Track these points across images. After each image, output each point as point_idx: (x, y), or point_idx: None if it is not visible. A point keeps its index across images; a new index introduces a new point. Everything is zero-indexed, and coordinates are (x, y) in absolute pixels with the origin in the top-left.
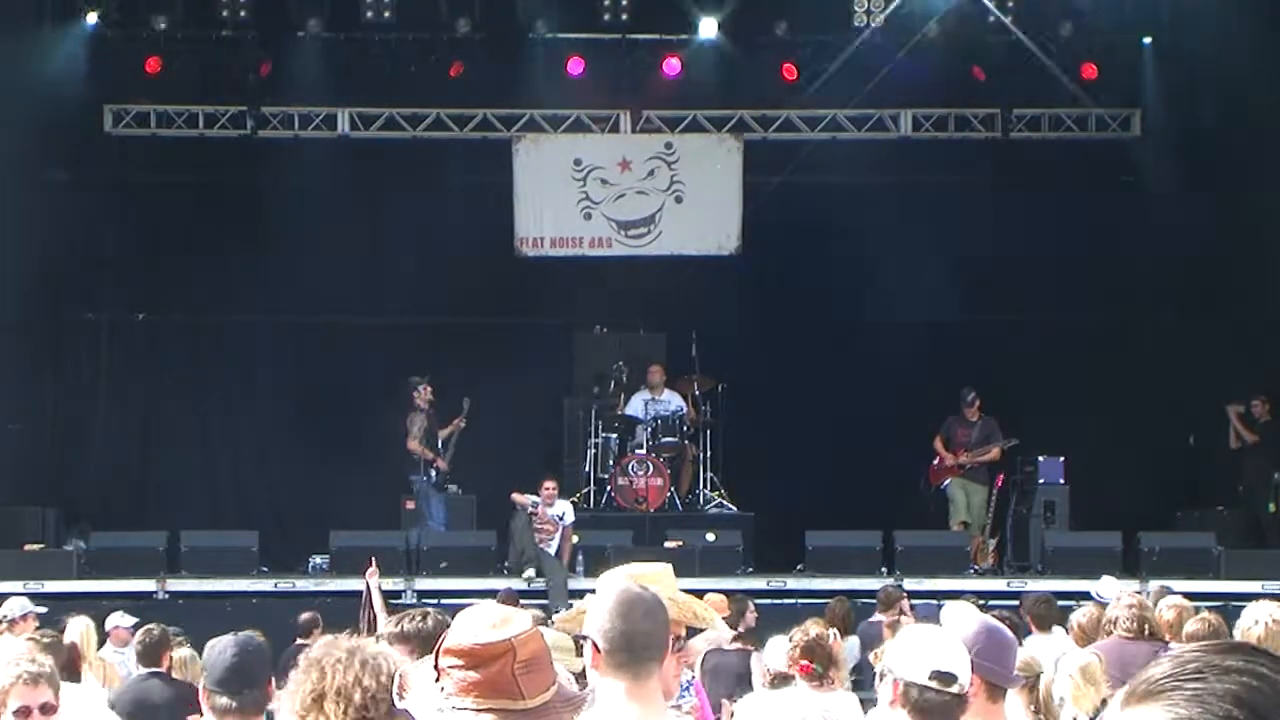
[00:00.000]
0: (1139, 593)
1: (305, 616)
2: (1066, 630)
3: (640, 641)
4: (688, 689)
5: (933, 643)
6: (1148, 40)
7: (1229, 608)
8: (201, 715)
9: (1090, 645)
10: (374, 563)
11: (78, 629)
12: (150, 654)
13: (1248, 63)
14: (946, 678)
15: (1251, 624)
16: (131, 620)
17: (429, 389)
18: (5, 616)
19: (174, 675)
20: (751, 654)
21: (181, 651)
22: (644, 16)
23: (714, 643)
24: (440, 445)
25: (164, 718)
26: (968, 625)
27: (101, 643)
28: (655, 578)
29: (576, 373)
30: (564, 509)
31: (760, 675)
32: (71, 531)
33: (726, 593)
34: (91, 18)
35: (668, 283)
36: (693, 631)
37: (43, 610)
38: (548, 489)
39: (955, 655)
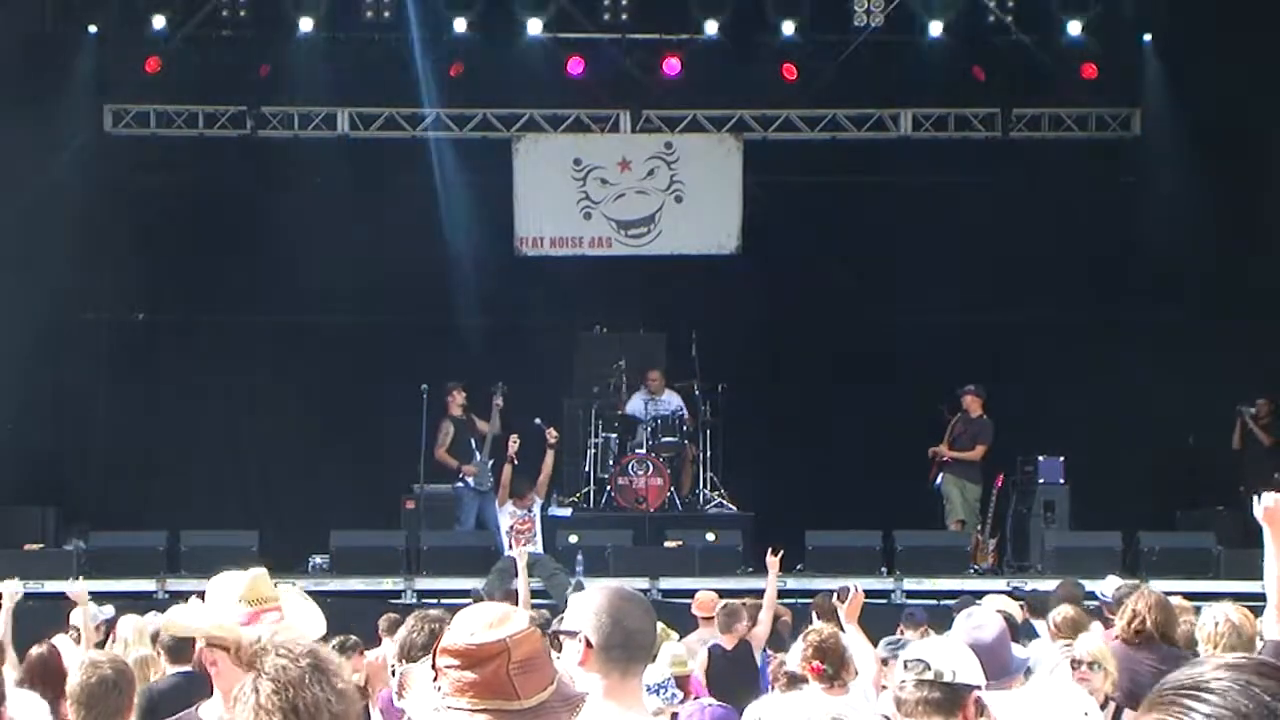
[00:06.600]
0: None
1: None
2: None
3: (636, 640)
4: (661, 689)
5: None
6: (1148, 38)
7: None
8: (210, 698)
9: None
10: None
11: (127, 628)
12: (178, 651)
13: (1248, 62)
14: None
15: (1210, 625)
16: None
17: (462, 393)
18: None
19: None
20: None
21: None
22: (644, 16)
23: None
24: (475, 447)
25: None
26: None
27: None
28: (256, 585)
29: (576, 373)
30: (534, 503)
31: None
32: (71, 531)
33: (729, 593)
34: (92, 28)
35: (668, 283)
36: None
37: (109, 615)
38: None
39: None
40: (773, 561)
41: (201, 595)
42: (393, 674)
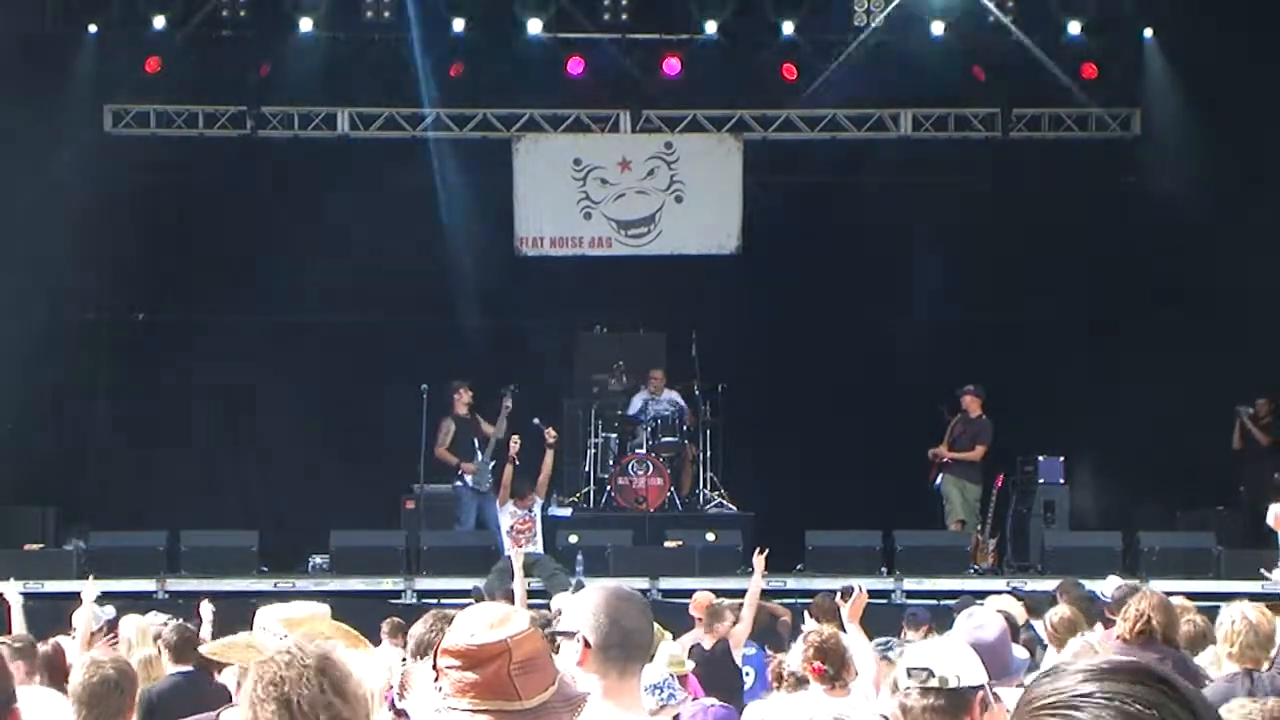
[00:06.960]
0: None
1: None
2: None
3: (634, 640)
4: (659, 689)
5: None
6: (1148, 36)
7: None
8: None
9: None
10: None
11: (130, 628)
12: (181, 650)
13: (1248, 62)
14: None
15: (1228, 623)
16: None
17: (468, 392)
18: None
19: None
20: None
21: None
22: (644, 16)
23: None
24: (477, 447)
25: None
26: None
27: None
28: (310, 619)
29: (576, 373)
30: (534, 503)
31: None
32: (71, 531)
33: (729, 593)
34: (92, 28)
35: (668, 283)
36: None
37: (110, 616)
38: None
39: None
40: (759, 560)
41: (201, 596)
42: (402, 664)
